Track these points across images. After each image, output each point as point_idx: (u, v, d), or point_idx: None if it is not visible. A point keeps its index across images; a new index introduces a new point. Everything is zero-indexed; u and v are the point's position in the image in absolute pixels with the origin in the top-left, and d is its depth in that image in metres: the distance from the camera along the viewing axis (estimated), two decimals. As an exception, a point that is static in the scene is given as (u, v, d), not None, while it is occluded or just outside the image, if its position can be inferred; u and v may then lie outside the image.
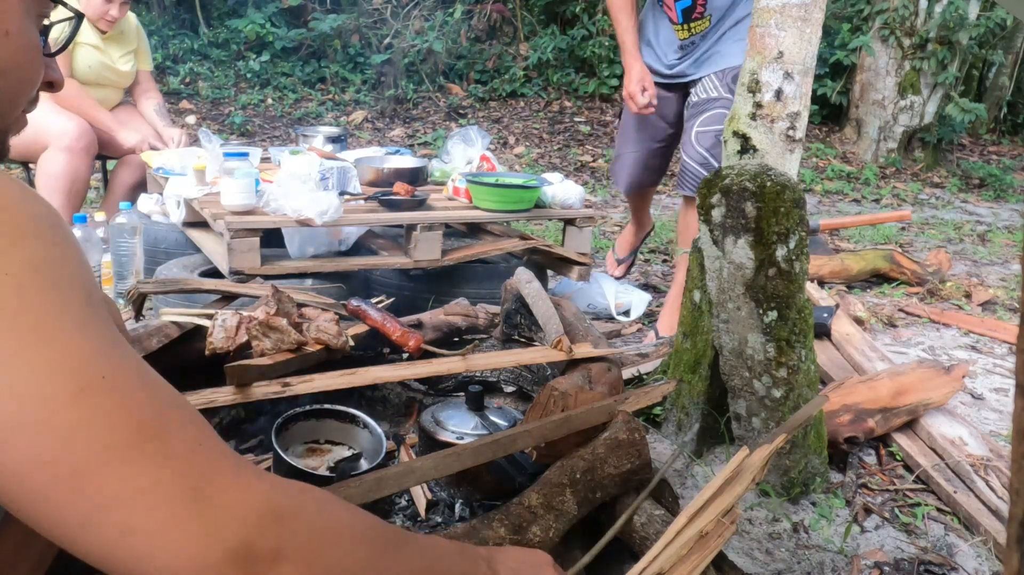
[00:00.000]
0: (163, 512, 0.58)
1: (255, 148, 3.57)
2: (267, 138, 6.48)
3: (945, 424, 2.07)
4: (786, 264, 1.68)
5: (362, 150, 3.78)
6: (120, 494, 0.58)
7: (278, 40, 7.46)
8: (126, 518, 0.58)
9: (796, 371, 1.74)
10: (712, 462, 1.96)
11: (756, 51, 2.38)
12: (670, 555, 1.15)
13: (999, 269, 4.32)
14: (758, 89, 2.38)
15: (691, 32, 2.77)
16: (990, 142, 8.73)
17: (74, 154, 3.14)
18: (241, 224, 2.50)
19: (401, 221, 2.79)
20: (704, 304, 1.94)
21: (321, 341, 1.78)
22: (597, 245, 4.22)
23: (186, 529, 0.59)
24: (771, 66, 2.36)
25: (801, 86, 2.36)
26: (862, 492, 1.87)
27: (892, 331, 3.07)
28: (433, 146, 6.50)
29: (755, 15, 2.33)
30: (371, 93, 7.47)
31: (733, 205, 1.68)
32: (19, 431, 0.56)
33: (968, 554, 1.66)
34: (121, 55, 3.50)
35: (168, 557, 0.59)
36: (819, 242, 3.87)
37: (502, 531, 1.18)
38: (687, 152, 2.79)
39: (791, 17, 2.31)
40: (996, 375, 2.69)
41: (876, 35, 7.14)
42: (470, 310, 2.20)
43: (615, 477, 1.35)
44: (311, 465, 1.65)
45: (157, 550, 0.59)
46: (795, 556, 1.61)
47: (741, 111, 2.33)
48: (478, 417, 1.70)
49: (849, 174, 6.93)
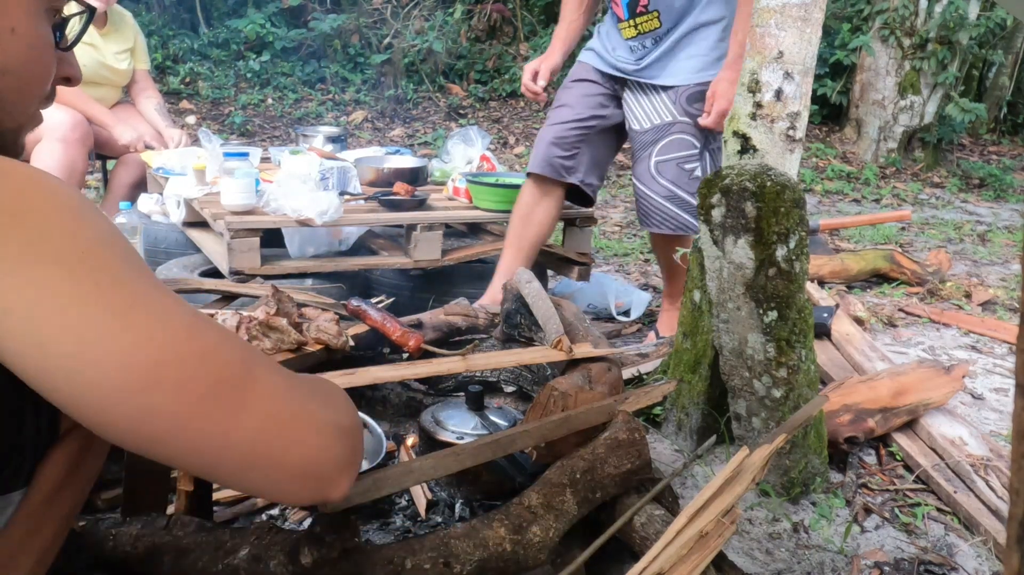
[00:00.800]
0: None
1: (255, 148, 3.57)
2: (267, 138, 6.48)
3: (945, 424, 2.07)
4: (786, 264, 1.68)
5: (362, 150, 3.78)
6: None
7: (278, 40, 7.46)
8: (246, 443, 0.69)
9: (796, 371, 1.74)
10: (712, 462, 1.96)
11: (756, 51, 2.38)
12: (670, 555, 1.15)
13: (999, 269, 4.32)
14: (758, 89, 2.38)
15: (638, 30, 2.52)
16: (990, 142, 8.73)
17: (69, 145, 3.14)
18: (241, 224, 2.50)
19: (401, 221, 2.79)
20: (704, 304, 1.94)
21: (321, 341, 1.78)
22: (597, 245, 4.22)
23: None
24: (771, 66, 2.36)
25: (801, 86, 2.37)
26: (862, 492, 1.87)
27: (892, 331, 3.07)
28: (433, 146, 6.50)
29: (755, 15, 2.33)
30: (371, 93, 7.47)
31: (733, 205, 1.68)
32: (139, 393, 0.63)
33: (968, 554, 1.66)
34: (117, 53, 3.50)
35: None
36: (819, 242, 3.87)
37: (502, 531, 1.18)
38: (648, 185, 2.55)
39: (791, 17, 2.31)
40: (996, 375, 2.69)
41: (876, 35, 7.14)
42: (470, 310, 2.19)
43: (615, 477, 1.35)
44: (311, 465, 1.65)
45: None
46: (795, 556, 1.61)
47: (741, 111, 2.32)
48: (478, 417, 1.70)
49: (849, 174, 6.93)
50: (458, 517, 1.57)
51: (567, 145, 2.63)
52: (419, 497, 1.60)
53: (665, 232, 2.59)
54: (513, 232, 2.69)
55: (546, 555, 1.21)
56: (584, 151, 2.65)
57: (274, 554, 1.09)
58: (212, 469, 0.69)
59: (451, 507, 1.60)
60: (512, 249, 2.67)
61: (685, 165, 2.50)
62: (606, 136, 2.68)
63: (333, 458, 0.75)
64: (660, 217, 2.56)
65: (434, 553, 1.13)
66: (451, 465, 1.20)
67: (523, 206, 2.69)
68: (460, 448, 1.23)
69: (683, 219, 2.54)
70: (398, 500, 1.63)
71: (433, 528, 1.54)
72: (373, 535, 1.54)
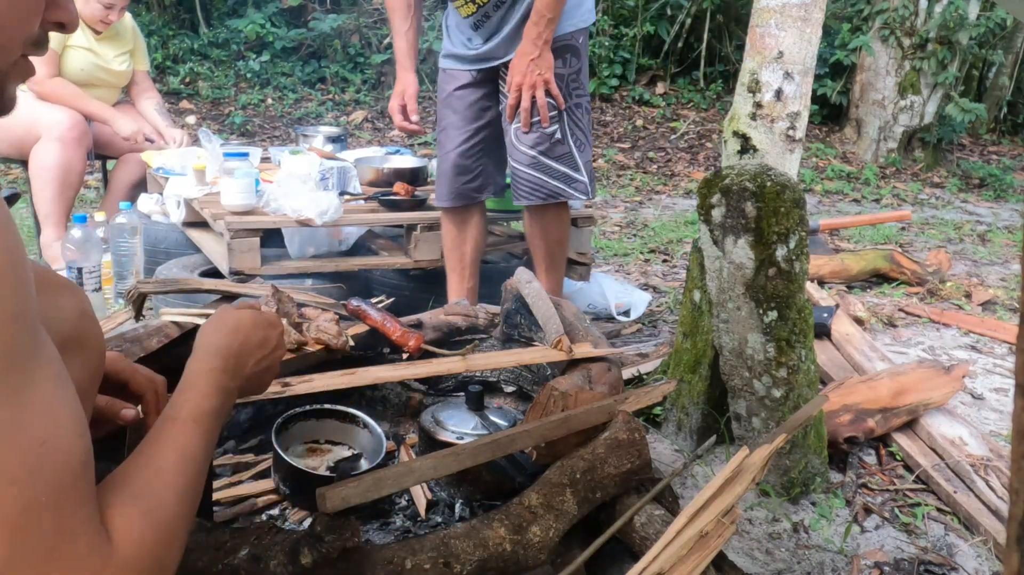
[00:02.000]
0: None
1: (255, 148, 3.57)
2: (267, 138, 6.48)
3: (945, 424, 2.07)
4: (786, 264, 1.68)
5: (362, 150, 3.78)
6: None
7: (278, 40, 7.46)
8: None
9: (796, 371, 1.74)
10: (712, 462, 1.96)
11: (756, 51, 2.38)
12: (670, 555, 1.16)
13: (999, 269, 4.32)
14: (758, 89, 2.38)
15: (476, 3, 2.31)
16: (990, 142, 8.72)
17: (66, 144, 3.14)
18: (241, 224, 2.50)
19: (401, 221, 2.79)
20: (704, 304, 1.94)
21: (321, 341, 1.78)
22: (597, 245, 4.22)
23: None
24: (771, 66, 2.36)
25: (801, 86, 2.37)
26: (862, 492, 1.87)
27: (892, 331, 3.07)
28: (433, 146, 6.50)
29: (755, 15, 2.33)
30: (371, 93, 7.47)
31: (733, 205, 1.68)
32: None
33: (968, 554, 1.66)
34: (116, 55, 3.50)
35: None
36: (819, 242, 3.87)
37: (502, 531, 1.18)
38: (513, 156, 2.39)
39: (791, 17, 2.31)
40: (996, 375, 2.69)
41: (876, 35, 7.14)
42: (470, 310, 2.20)
43: (615, 477, 1.35)
44: (311, 465, 1.65)
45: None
46: (795, 556, 1.61)
47: (741, 111, 2.32)
48: (478, 417, 1.70)
49: (849, 174, 6.93)
50: (458, 517, 1.57)
51: (469, 168, 2.50)
52: (419, 497, 1.60)
53: (535, 203, 2.40)
54: (450, 261, 2.60)
55: (546, 555, 1.21)
56: (487, 162, 2.52)
57: (274, 554, 1.09)
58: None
59: (451, 507, 1.60)
60: (455, 274, 2.61)
61: (544, 127, 2.32)
62: (499, 133, 2.49)
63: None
64: (528, 187, 2.38)
65: (434, 553, 1.13)
66: (451, 465, 1.20)
67: (450, 239, 2.59)
68: (460, 448, 1.23)
69: (552, 186, 2.37)
70: (398, 500, 1.63)
71: (433, 528, 1.54)
72: (373, 535, 1.54)
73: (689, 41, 8.17)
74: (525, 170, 2.36)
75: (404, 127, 2.58)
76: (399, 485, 1.16)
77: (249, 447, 1.84)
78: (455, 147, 2.49)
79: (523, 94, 2.26)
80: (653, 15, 7.75)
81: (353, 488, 1.09)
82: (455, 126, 2.48)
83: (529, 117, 2.29)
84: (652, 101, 7.88)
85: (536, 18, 2.20)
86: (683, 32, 8.02)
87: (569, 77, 2.32)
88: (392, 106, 2.58)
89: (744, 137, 2.27)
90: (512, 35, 2.32)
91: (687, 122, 7.52)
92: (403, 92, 2.56)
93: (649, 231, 4.75)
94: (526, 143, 2.34)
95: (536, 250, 2.54)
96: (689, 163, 6.84)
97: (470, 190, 2.52)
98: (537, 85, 2.25)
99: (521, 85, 2.25)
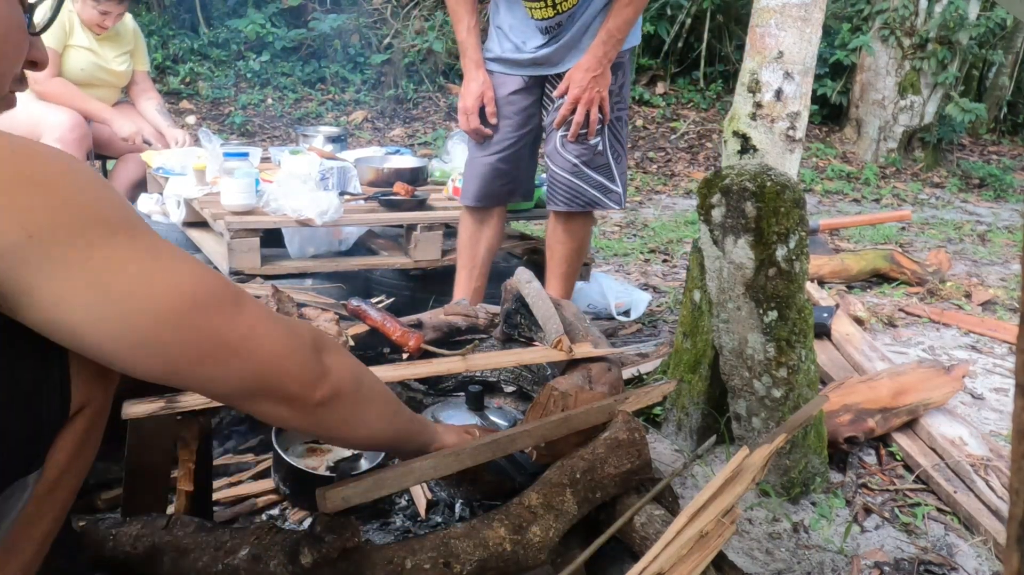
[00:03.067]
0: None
1: (255, 148, 3.57)
2: (267, 138, 6.48)
3: (945, 424, 2.07)
4: (786, 264, 1.68)
5: (362, 150, 3.78)
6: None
7: (278, 40, 7.46)
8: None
9: (796, 371, 1.74)
10: (712, 462, 1.96)
11: (756, 51, 2.38)
12: (670, 555, 1.15)
13: (999, 269, 4.32)
14: (758, 89, 2.38)
15: (556, 9, 2.28)
16: (990, 142, 8.72)
17: (67, 145, 3.14)
18: (241, 224, 2.50)
19: (401, 221, 2.79)
20: (704, 304, 1.94)
21: (321, 341, 1.78)
22: (597, 245, 4.22)
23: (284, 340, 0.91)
24: (771, 66, 2.36)
25: (801, 86, 2.37)
26: (862, 492, 1.87)
27: (892, 331, 3.07)
28: (433, 146, 6.50)
29: (755, 15, 2.33)
30: (371, 93, 7.47)
31: (733, 205, 1.68)
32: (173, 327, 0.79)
33: (968, 554, 1.66)
34: (116, 56, 3.50)
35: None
36: (819, 242, 3.87)
37: (502, 531, 1.18)
38: (554, 162, 2.41)
39: (791, 17, 2.31)
40: (996, 375, 2.69)
41: (876, 35, 7.14)
42: (470, 310, 2.19)
43: (615, 477, 1.35)
44: (311, 465, 1.65)
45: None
46: (795, 556, 1.61)
47: (741, 111, 2.32)
48: (478, 417, 1.70)
49: (849, 174, 6.93)
50: (458, 517, 1.57)
51: (506, 172, 2.49)
52: (419, 497, 1.60)
53: (575, 209, 2.43)
54: (462, 258, 2.60)
55: (546, 555, 1.21)
56: (522, 167, 2.53)
57: (274, 554, 1.09)
58: (216, 375, 0.86)
59: (451, 507, 1.60)
60: (464, 271, 2.60)
61: (589, 139, 2.36)
62: (538, 138, 2.54)
63: (306, 359, 0.93)
64: (567, 194, 2.40)
65: (434, 553, 1.13)
66: (451, 465, 1.20)
67: (466, 236, 2.58)
68: (460, 448, 1.23)
69: (590, 194, 2.40)
70: (398, 500, 1.63)
71: (433, 528, 1.54)
72: (373, 535, 1.54)
73: (689, 41, 8.17)
74: (566, 176, 2.39)
75: (480, 131, 2.44)
76: (399, 485, 1.16)
77: (249, 447, 1.84)
78: (498, 151, 2.47)
79: (579, 108, 2.30)
80: (653, 15, 7.74)
81: (353, 488, 1.09)
82: (502, 130, 2.45)
83: (579, 130, 2.32)
84: (652, 101, 7.88)
85: (606, 37, 2.24)
86: (683, 32, 8.02)
87: (614, 92, 2.37)
88: (468, 106, 2.42)
89: (744, 137, 2.27)
90: (570, 44, 2.32)
91: (687, 122, 7.53)
92: (482, 93, 2.40)
93: (649, 231, 4.75)
94: (571, 151, 2.37)
95: (553, 254, 2.53)
96: (689, 163, 6.84)
97: (503, 193, 2.54)
98: (594, 102, 2.29)
99: (578, 99, 2.28)
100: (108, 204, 0.77)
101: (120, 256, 0.75)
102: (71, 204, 0.73)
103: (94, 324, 0.75)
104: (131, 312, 0.76)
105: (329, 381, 0.94)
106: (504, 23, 2.42)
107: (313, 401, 0.93)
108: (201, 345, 0.82)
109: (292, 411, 0.93)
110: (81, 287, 0.73)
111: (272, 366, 0.88)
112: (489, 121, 2.42)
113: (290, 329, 0.92)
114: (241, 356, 0.85)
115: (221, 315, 0.83)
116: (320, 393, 0.93)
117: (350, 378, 0.98)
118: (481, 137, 2.47)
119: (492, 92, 2.41)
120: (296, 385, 0.91)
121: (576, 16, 2.30)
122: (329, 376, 0.94)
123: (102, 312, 0.75)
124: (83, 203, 0.74)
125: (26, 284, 0.71)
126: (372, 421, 1.05)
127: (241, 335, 0.85)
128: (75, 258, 0.73)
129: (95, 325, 0.75)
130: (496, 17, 2.44)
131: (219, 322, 0.82)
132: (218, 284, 0.84)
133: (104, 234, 0.75)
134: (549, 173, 2.45)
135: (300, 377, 0.91)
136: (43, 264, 0.71)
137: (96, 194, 0.76)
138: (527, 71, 2.40)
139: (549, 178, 2.45)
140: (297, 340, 0.91)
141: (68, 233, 0.72)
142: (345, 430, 1.02)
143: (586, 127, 2.33)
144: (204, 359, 0.82)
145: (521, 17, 2.36)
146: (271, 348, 0.88)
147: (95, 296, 0.74)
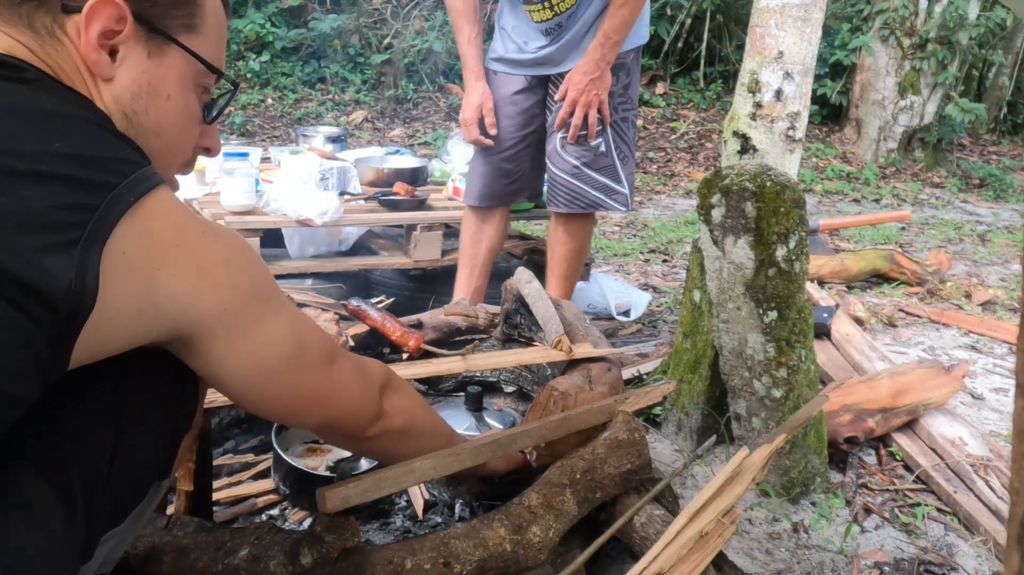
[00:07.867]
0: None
1: (255, 148, 3.56)
2: (267, 138, 6.48)
3: (945, 424, 2.07)
4: (786, 264, 1.68)
5: (362, 150, 3.78)
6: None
7: (278, 40, 7.46)
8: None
9: (796, 371, 1.74)
10: (712, 462, 1.96)
11: (756, 51, 2.38)
12: (670, 555, 1.15)
13: (999, 269, 4.32)
14: (758, 89, 2.38)
15: (554, 11, 2.29)
16: (990, 142, 8.72)
17: None
18: (241, 224, 2.50)
19: (401, 221, 2.79)
20: (704, 304, 1.94)
21: (321, 341, 1.78)
22: (597, 245, 4.22)
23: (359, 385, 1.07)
24: (771, 66, 2.36)
25: (801, 86, 2.37)
26: (862, 492, 1.87)
27: (892, 331, 3.07)
28: (433, 146, 6.50)
29: (755, 15, 2.33)
30: (371, 93, 7.47)
31: (733, 205, 1.68)
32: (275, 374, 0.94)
33: (968, 554, 1.66)
34: None
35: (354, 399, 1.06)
36: (819, 242, 3.87)
37: (502, 531, 1.18)
38: (555, 163, 2.40)
39: (791, 17, 2.31)
40: (996, 375, 2.69)
41: (876, 35, 7.14)
42: (470, 310, 2.19)
43: (615, 477, 1.35)
44: (311, 465, 1.65)
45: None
46: (795, 556, 1.61)
47: (741, 111, 2.32)
48: (473, 418, 1.70)
49: (849, 174, 6.93)
50: (458, 517, 1.57)
51: (511, 172, 2.50)
52: (417, 497, 1.60)
53: (575, 211, 2.43)
54: (463, 257, 2.60)
55: (546, 555, 1.21)
56: (528, 167, 2.53)
57: (274, 554, 1.09)
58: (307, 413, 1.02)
59: (450, 507, 1.60)
60: (465, 270, 2.59)
61: (590, 141, 2.36)
62: (543, 138, 2.50)
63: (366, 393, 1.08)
64: (567, 196, 2.40)
65: (434, 553, 1.13)
66: (451, 465, 1.20)
67: (468, 235, 2.58)
68: (460, 448, 1.23)
69: (592, 196, 2.40)
70: (398, 500, 1.63)
71: (433, 528, 1.54)
72: (373, 535, 1.54)
73: (689, 41, 8.16)
74: (566, 178, 2.39)
75: (480, 141, 2.44)
76: (399, 485, 1.16)
77: (249, 447, 1.84)
78: (502, 151, 2.47)
79: (576, 110, 2.29)
80: (653, 15, 7.73)
81: (353, 488, 1.09)
82: (505, 130, 2.45)
83: (578, 131, 2.32)
84: (652, 101, 7.88)
85: (603, 39, 2.22)
86: (683, 32, 8.01)
87: (618, 93, 2.35)
88: (468, 118, 2.43)
89: (744, 137, 2.27)
90: (571, 43, 2.32)
91: (687, 122, 7.52)
92: (482, 104, 2.41)
93: (649, 231, 4.75)
94: (570, 153, 2.37)
95: (554, 254, 2.53)
96: (689, 163, 6.84)
97: (507, 192, 2.54)
98: (592, 104, 2.28)
99: (576, 101, 2.28)
100: (263, 278, 0.91)
101: (270, 332, 0.90)
102: (246, 282, 0.87)
103: (240, 376, 0.91)
104: (269, 371, 0.92)
105: (381, 423, 1.09)
106: (508, 24, 2.44)
107: (363, 436, 1.09)
108: (299, 399, 0.98)
109: (344, 440, 1.16)
110: (242, 353, 0.88)
111: (343, 413, 1.04)
112: (488, 132, 2.43)
113: (364, 376, 1.07)
114: (324, 406, 1.01)
115: (319, 372, 0.98)
116: (371, 431, 1.08)
117: (401, 421, 1.12)
118: (482, 146, 2.48)
119: (491, 103, 2.43)
120: (354, 426, 1.07)
121: (576, 16, 2.30)
122: (382, 419, 1.09)
123: (249, 372, 0.91)
124: (253, 280, 0.88)
125: (205, 345, 0.85)
126: (412, 453, 1.18)
127: (328, 391, 1.01)
128: (244, 330, 0.87)
129: (240, 377, 0.91)
130: (500, 18, 2.47)
131: (316, 379, 0.98)
132: (322, 344, 0.99)
133: (264, 310, 0.89)
134: (550, 174, 2.45)
135: (361, 420, 1.07)
136: (223, 332, 0.85)
137: (256, 269, 0.90)
138: (530, 71, 2.41)
139: (550, 179, 2.46)
140: (368, 389, 1.07)
141: (243, 307, 0.87)
142: (387, 458, 1.19)
143: (585, 129, 2.32)
144: (295, 405, 0.99)
145: (523, 18, 2.38)
146: (348, 399, 1.04)
147: (249, 360, 0.90)
